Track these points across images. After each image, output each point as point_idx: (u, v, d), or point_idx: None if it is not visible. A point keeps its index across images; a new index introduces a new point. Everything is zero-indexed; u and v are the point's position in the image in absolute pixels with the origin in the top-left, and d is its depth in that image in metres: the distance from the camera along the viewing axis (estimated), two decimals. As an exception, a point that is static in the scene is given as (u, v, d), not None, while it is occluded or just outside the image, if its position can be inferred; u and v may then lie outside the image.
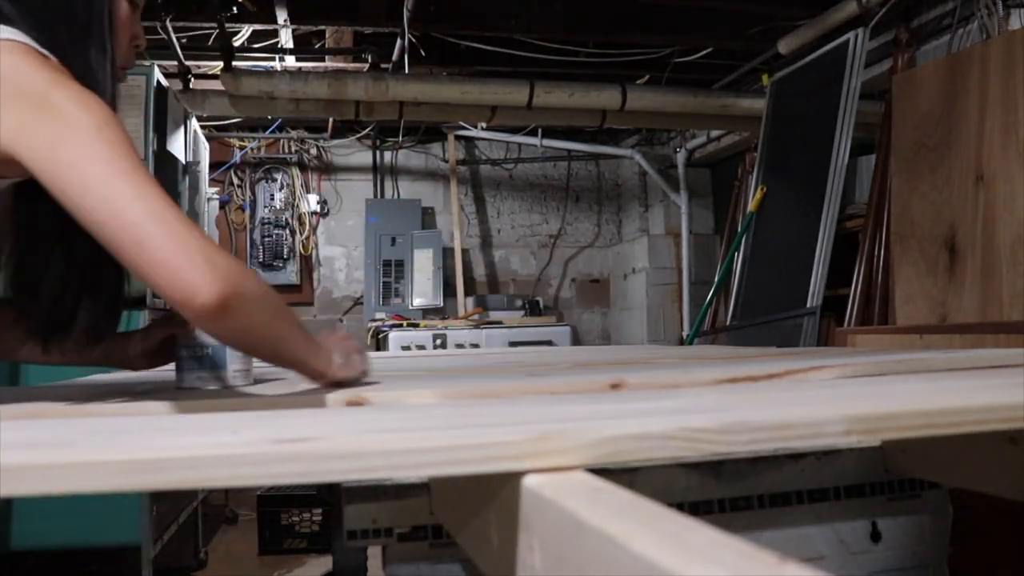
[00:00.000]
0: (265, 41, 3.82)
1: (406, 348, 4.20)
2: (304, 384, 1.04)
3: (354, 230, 5.25)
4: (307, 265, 5.19)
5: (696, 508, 0.89)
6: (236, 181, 5.12)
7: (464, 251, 5.30)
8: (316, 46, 3.96)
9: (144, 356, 1.21)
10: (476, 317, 4.76)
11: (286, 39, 3.74)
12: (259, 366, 1.22)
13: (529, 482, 0.49)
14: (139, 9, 1.08)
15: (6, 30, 0.87)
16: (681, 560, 0.33)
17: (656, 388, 0.96)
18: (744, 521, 0.90)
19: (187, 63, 3.70)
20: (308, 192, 5.19)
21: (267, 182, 5.16)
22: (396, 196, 5.34)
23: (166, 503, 2.84)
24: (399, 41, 3.55)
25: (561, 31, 3.79)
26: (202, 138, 4.01)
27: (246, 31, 3.69)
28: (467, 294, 5.08)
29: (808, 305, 3.08)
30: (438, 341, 4.37)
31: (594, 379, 1.00)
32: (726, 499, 0.90)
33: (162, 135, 3.04)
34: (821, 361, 1.08)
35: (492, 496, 0.56)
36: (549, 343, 4.44)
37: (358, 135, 5.16)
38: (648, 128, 5.14)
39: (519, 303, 4.99)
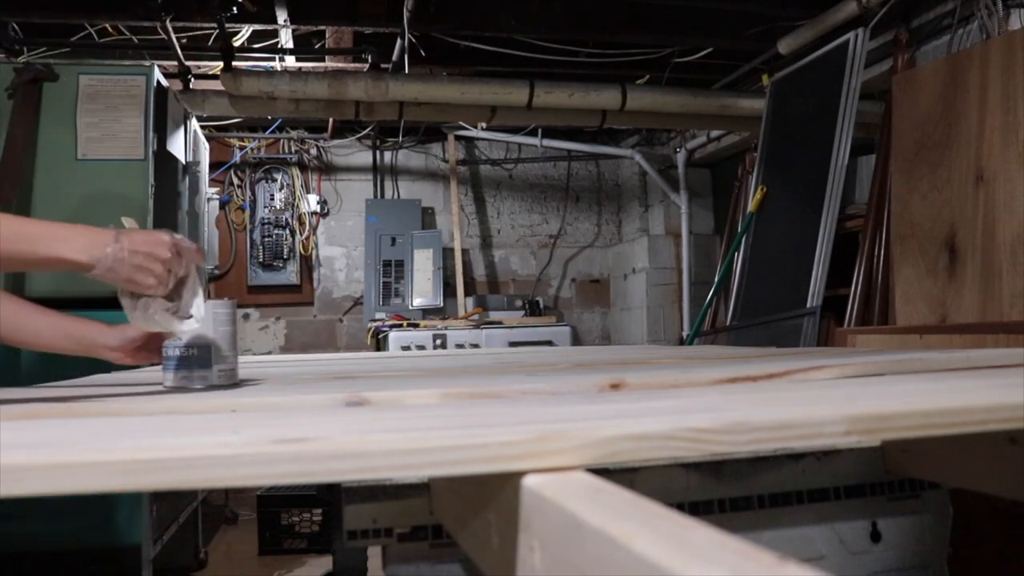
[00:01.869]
0: (265, 41, 3.82)
1: (406, 348, 4.20)
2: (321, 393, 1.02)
3: (354, 230, 5.25)
4: (307, 265, 5.19)
5: (696, 508, 0.89)
6: (236, 181, 5.12)
7: (464, 251, 5.30)
8: (316, 46, 3.96)
9: (121, 350, 1.24)
10: (476, 317, 4.76)
11: (286, 39, 3.74)
12: (243, 365, 1.22)
13: (529, 482, 0.49)
14: None
15: None
16: (681, 560, 0.33)
17: (656, 388, 0.96)
18: (744, 521, 0.90)
19: (187, 63, 3.70)
20: (308, 192, 5.19)
21: (267, 182, 5.16)
22: (396, 196, 5.34)
23: (166, 503, 2.84)
24: (399, 41, 3.55)
25: (561, 31, 3.79)
26: (202, 138, 4.01)
27: (246, 31, 3.69)
28: (467, 294, 5.08)
29: (808, 305, 3.08)
30: (438, 341, 4.37)
31: (594, 379, 0.99)
32: (726, 499, 0.90)
33: (162, 135, 3.04)
34: (821, 361, 1.08)
35: (492, 496, 0.56)
36: (549, 343, 4.44)
37: (358, 135, 5.16)
38: (648, 128, 5.14)
39: (519, 303, 4.99)
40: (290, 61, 4.04)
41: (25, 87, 2.83)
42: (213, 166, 4.77)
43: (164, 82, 3.14)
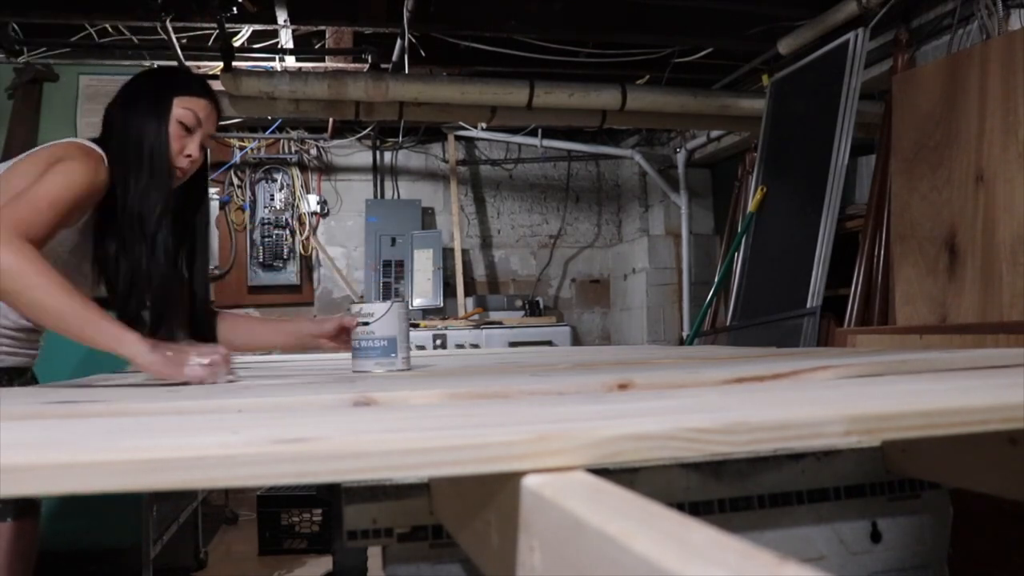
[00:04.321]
0: (265, 41, 3.82)
1: (406, 348, 4.19)
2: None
3: (354, 230, 5.25)
4: (307, 265, 5.19)
5: (696, 508, 0.89)
6: (236, 181, 5.11)
7: (464, 251, 5.30)
8: (316, 46, 3.96)
9: (325, 336, 1.60)
10: (476, 317, 4.76)
11: (286, 39, 3.74)
12: (272, 364, 1.22)
13: (529, 482, 0.49)
14: (191, 130, 1.57)
15: (84, 141, 1.53)
16: (681, 560, 0.33)
17: (658, 388, 0.96)
18: (744, 521, 0.90)
19: (187, 63, 3.70)
20: (308, 192, 5.19)
21: (267, 182, 5.16)
22: (396, 196, 5.34)
23: (166, 503, 2.84)
24: (399, 41, 3.55)
25: (561, 31, 3.79)
26: (202, 138, 4.00)
27: (246, 31, 3.69)
28: (467, 294, 5.08)
29: (808, 305, 3.08)
30: (438, 341, 4.37)
31: (596, 379, 0.99)
32: (726, 499, 0.90)
33: (162, 135, 3.03)
34: (824, 361, 1.08)
35: (492, 496, 0.56)
36: (549, 343, 4.44)
37: (358, 135, 5.16)
38: (648, 128, 5.14)
39: (519, 303, 4.99)
40: (290, 61, 4.04)
41: (25, 87, 2.84)
42: (213, 166, 4.77)
43: (164, 82, 3.14)
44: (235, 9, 3.22)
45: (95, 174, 1.46)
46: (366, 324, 1.43)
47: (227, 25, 3.34)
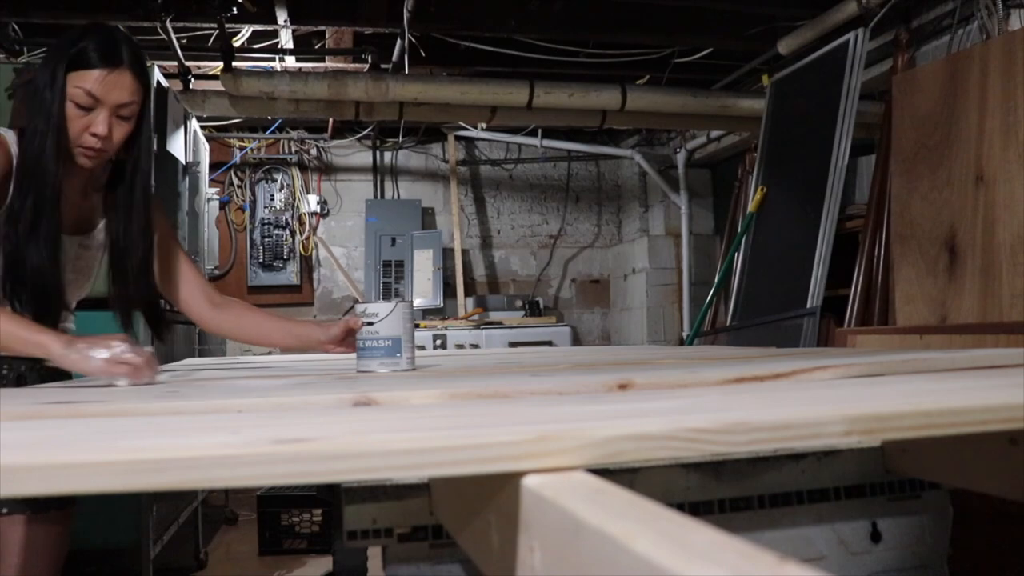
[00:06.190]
0: (265, 41, 3.82)
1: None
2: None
3: (354, 230, 5.25)
4: (307, 265, 5.19)
5: (696, 508, 0.89)
6: (236, 181, 5.12)
7: (464, 251, 5.30)
8: (316, 46, 3.96)
9: (332, 342, 1.56)
10: (476, 317, 4.76)
11: (286, 39, 3.74)
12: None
13: (529, 482, 0.49)
14: (89, 110, 1.42)
15: None
16: (681, 560, 0.33)
17: (658, 388, 0.96)
18: (744, 521, 0.90)
19: (187, 63, 3.70)
20: (308, 192, 5.19)
21: (267, 182, 5.16)
22: (396, 196, 5.34)
23: (166, 503, 2.84)
24: (399, 41, 3.55)
25: (561, 31, 3.79)
26: (202, 138, 4.01)
27: (246, 31, 3.69)
28: (467, 294, 5.08)
29: (808, 305, 3.08)
30: (438, 341, 4.37)
31: (596, 379, 0.99)
32: (726, 499, 0.90)
33: (162, 135, 3.04)
34: (824, 361, 1.08)
35: (492, 496, 0.56)
36: (549, 343, 4.44)
37: (358, 135, 5.16)
38: (648, 128, 5.15)
39: (519, 303, 4.99)
40: (290, 61, 4.04)
41: (25, 87, 2.83)
42: (213, 166, 4.77)
43: (164, 82, 3.14)
44: (235, 9, 3.22)
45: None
46: (370, 324, 1.42)
47: (227, 25, 3.34)
